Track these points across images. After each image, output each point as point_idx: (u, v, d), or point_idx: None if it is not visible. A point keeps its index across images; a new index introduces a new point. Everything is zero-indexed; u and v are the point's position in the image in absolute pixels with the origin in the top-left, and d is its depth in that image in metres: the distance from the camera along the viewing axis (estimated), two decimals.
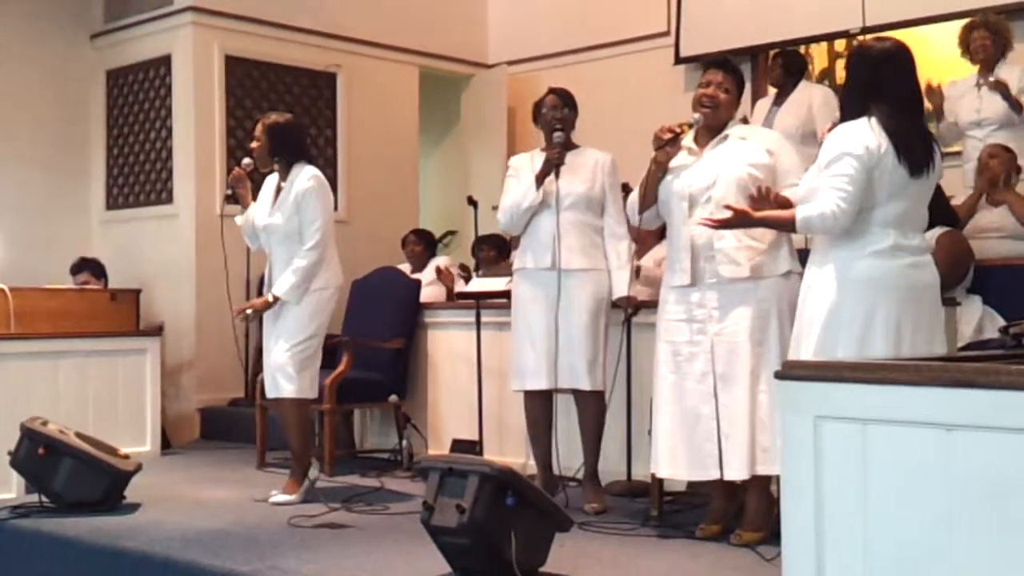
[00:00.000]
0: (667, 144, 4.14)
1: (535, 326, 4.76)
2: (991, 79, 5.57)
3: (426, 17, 8.78)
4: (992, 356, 2.77)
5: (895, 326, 3.29)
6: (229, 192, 5.28)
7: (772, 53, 7.02)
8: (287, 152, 5.06)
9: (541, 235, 4.77)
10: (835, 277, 3.35)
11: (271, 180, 5.17)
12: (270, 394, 5.07)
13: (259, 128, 5.10)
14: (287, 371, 4.93)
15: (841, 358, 3.14)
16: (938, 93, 5.87)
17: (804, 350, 3.36)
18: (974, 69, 5.86)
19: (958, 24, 6.06)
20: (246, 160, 5.28)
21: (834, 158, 3.36)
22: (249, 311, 5.06)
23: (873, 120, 3.36)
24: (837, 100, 5.44)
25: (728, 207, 3.65)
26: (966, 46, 5.86)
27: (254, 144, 5.12)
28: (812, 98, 6.41)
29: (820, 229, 3.39)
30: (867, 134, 3.34)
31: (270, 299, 4.98)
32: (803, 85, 6.60)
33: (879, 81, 3.39)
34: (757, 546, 3.90)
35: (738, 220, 3.63)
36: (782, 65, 6.65)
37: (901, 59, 3.45)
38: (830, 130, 3.73)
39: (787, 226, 3.62)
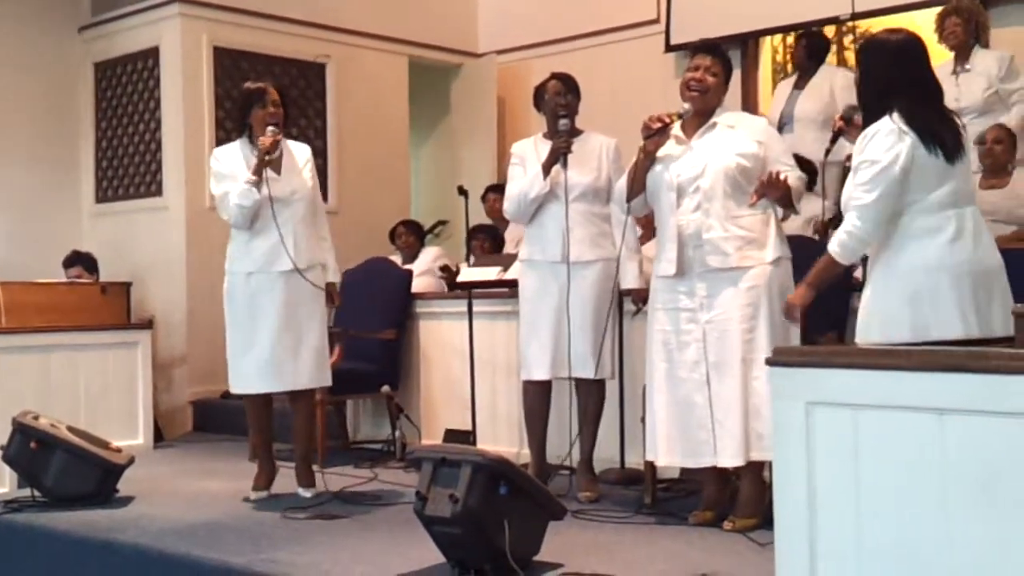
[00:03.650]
0: (656, 134, 4.13)
1: (541, 317, 4.74)
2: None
3: (415, 6, 8.76)
4: (983, 340, 2.77)
5: (972, 311, 3.24)
6: (266, 159, 4.70)
7: (797, 34, 6.96)
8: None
9: (549, 228, 4.73)
10: (908, 265, 3.31)
11: (237, 151, 4.84)
12: (304, 385, 4.85)
13: (276, 94, 4.85)
14: (326, 359, 4.92)
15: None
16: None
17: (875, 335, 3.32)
18: (951, 55, 5.88)
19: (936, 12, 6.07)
20: (273, 128, 4.78)
21: (860, 163, 3.34)
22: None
23: (895, 115, 3.32)
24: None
25: (789, 304, 3.62)
26: (941, 32, 5.87)
27: (279, 111, 4.83)
28: (834, 83, 6.37)
29: (856, 249, 3.38)
30: (892, 137, 3.29)
31: (337, 286, 4.97)
32: (825, 69, 6.53)
33: (899, 74, 3.36)
34: (750, 532, 3.92)
35: (806, 297, 3.57)
36: (805, 47, 6.60)
37: (917, 49, 3.43)
38: (841, 118, 3.70)
39: (836, 268, 3.49)
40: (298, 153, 4.95)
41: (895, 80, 3.37)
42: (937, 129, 3.33)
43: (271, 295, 4.79)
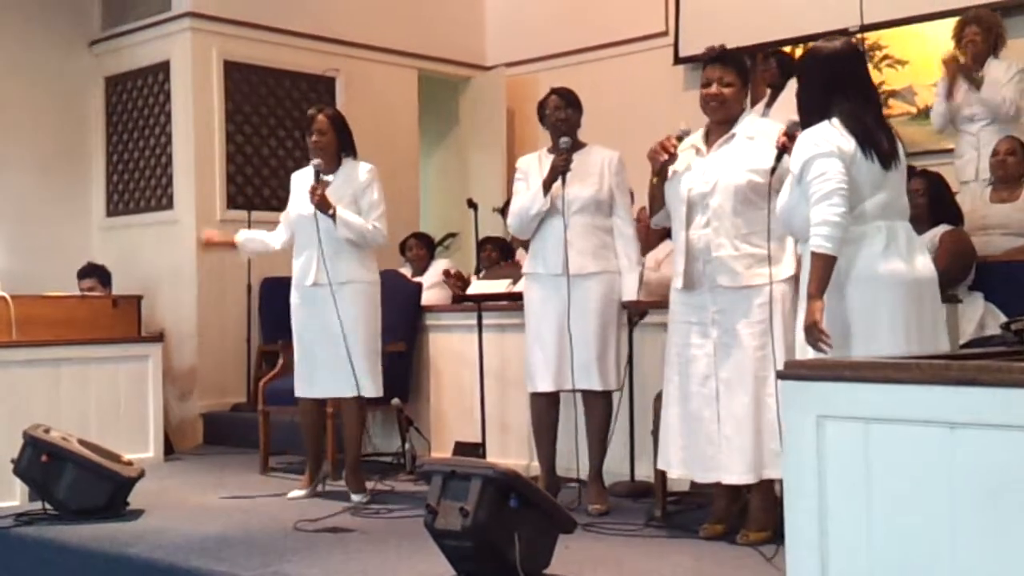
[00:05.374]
0: (665, 164, 4.13)
1: (545, 329, 4.76)
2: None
3: (424, 20, 8.79)
4: (994, 353, 2.76)
5: (901, 323, 3.27)
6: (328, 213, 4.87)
7: (761, 55, 7.00)
8: (346, 144, 5.10)
9: (550, 240, 4.76)
10: (834, 277, 3.33)
11: (305, 175, 5.08)
12: (340, 393, 5.04)
13: (323, 122, 5.00)
14: (375, 369, 5.06)
15: (847, 357, 3.12)
16: (953, 65, 5.85)
17: (809, 350, 3.34)
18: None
19: (956, 20, 6.08)
20: (315, 166, 4.96)
21: (807, 162, 3.34)
22: (319, 188, 4.85)
23: (835, 120, 3.37)
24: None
25: (808, 326, 3.28)
26: (958, 41, 5.89)
27: (319, 139, 5.00)
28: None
29: (842, 236, 3.28)
30: (834, 134, 3.35)
31: (331, 209, 4.86)
32: (791, 83, 6.63)
33: (838, 80, 3.41)
34: (762, 545, 3.90)
35: (818, 310, 3.27)
36: (778, 65, 6.65)
37: (855, 57, 3.50)
38: (785, 134, 3.72)
39: (831, 264, 3.29)
40: (352, 176, 5.08)
41: (834, 87, 3.41)
42: (874, 134, 3.36)
43: (309, 308, 5.03)
